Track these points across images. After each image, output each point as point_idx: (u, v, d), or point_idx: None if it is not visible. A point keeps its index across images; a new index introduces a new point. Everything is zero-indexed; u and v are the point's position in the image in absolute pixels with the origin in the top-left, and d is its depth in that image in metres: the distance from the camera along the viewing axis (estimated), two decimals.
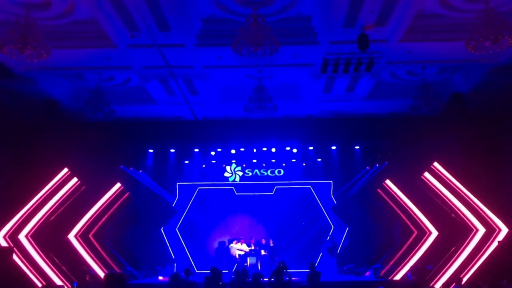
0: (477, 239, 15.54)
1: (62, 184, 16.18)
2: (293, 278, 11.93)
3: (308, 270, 12.42)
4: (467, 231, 15.66)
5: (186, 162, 18.11)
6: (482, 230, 15.55)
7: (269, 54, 9.16)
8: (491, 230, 15.41)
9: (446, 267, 15.27)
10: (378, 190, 16.67)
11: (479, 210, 15.59)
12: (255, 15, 9.19)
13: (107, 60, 12.88)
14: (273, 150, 17.66)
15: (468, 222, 15.69)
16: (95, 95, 13.25)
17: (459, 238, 15.67)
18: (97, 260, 16.00)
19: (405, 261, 15.75)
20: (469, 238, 15.65)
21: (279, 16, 10.99)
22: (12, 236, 15.38)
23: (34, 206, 15.78)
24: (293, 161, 18.14)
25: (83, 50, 12.28)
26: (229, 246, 16.88)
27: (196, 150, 17.72)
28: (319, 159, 17.95)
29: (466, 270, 14.64)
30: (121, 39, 11.69)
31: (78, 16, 10.89)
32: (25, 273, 15.08)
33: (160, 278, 15.65)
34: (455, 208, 15.86)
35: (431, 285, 13.74)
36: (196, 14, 10.90)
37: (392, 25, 11.15)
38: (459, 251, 15.58)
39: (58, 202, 16.04)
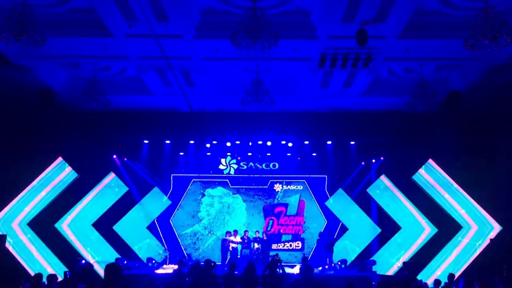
0: (469, 236, 15.69)
1: (56, 173, 16.18)
2: (286, 272, 11.96)
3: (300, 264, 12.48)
4: (459, 228, 15.81)
5: (181, 153, 18.09)
6: (474, 227, 15.70)
7: (267, 48, 9.11)
8: (483, 228, 15.55)
9: (438, 263, 15.43)
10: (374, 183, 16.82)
11: (472, 207, 15.74)
12: (254, 8, 9.14)
13: (104, 50, 12.80)
14: (269, 143, 17.68)
15: (461, 219, 15.84)
16: (91, 85, 13.16)
17: (452, 235, 15.82)
18: (90, 250, 16.02)
19: (398, 257, 15.87)
20: (461, 235, 15.80)
21: (279, 9, 10.95)
22: (6, 223, 15.37)
23: (29, 194, 15.78)
24: (288, 155, 18.16)
25: (80, 39, 12.18)
26: (223, 238, 16.89)
27: (192, 142, 17.71)
28: (314, 154, 17.98)
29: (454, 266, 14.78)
30: (118, 28, 11.61)
31: (76, 4, 10.81)
32: (18, 260, 15.11)
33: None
34: (448, 205, 16.01)
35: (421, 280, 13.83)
36: (195, 5, 10.83)
37: (391, 21, 11.14)
38: (451, 248, 15.74)
39: (52, 191, 16.05)
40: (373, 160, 17.37)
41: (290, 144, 17.70)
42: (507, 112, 14.62)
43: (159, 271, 15.11)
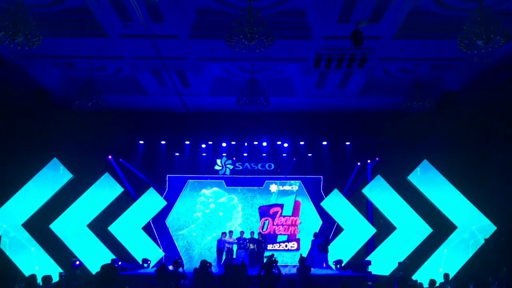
0: (464, 236, 15.75)
1: (51, 173, 16.10)
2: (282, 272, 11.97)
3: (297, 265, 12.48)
4: (455, 228, 15.86)
5: (177, 154, 18.05)
6: (469, 227, 15.75)
7: (263, 48, 9.11)
8: (478, 228, 15.61)
9: (433, 263, 15.47)
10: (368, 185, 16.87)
11: (466, 207, 15.79)
12: (250, 8, 9.14)
13: (99, 50, 12.78)
14: (264, 144, 17.71)
15: (456, 219, 15.89)
16: (86, 85, 13.12)
17: (447, 235, 15.87)
18: (85, 251, 15.96)
19: (393, 257, 15.89)
20: (456, 235, 15.85)
21: (274, 10, 10.97)
22: (0, 224, 15.29)
23: (23, 195, 15.70)
24: (284, 156, 18.17)
25: (75, 39, 12.16)
26: (218, 239, 16.86)
27: (187, 142, 17.70)
28: (309, 154, 17.99)
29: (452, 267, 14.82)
30: (113, 28, 11.59)
31: (71, 4, 10.79)
32: (12, 261, 15.03)
33: None
34: (444, 205, 16.05)
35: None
36: (191, 5, 10.84)
37: (386, 21, 11.17)
38: (446, 247, 15.79)
39: (47, 191, 15.98)
40: (369, 160, 17.40)
41: (285, 145, 17.74)
42: (502, 112, 14.69)
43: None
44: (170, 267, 11.68)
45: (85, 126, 15.15)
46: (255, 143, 17.73)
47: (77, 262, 14.77)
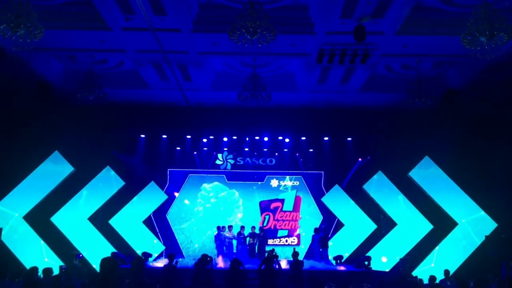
0: (464, 232, 15.77)
1: (53, 166, 16.14)
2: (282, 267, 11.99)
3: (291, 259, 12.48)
4: (455, 224, 15.89)
5: (178, 148, 18.05)
6: (469, 224, 15.78)
7: (265, 42, 9.08)
8: (478, 224, 15.63)
9: (433, 260, 15.50)
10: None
11: (467, 204, 15.80)
12: (253, 3, 9.10)
13: (101, 43, 12.74)
14: (266, 139, 17.71)
15: (457, 216, 15.91)
16: (87, 78, 13.09)
17: (448, 231, 15.90)
18: (85, 244, 16.01)
19: (393, 253, 15.93)
20: (456, 232, 15.87)
21: (277, 4, 10.94)
22: (2, 217, 15.35)
23: (24, 187, 15.74)
24: (285, 151, 18.17)
25: (77, 32, 12.13)
26: (218, 233, 16.88)
27: (188, 136, 17.70)
28: (311, 150, 17.99)
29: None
30: (115, 22, 11.55)
31: None
32: (13, 254, 15.10)
33: None
34: (444, 202, 16.06)
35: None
36: None
37: (389, 17, 11.12)
38: (447, 244, 15.82)
39: (48, 184, 16.02)
40: (370, 157, 17.38)
41: (287, 140, 17.74)
42: (504, 110, 14.65)
43: (156, 264, 15.12)
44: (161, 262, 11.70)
45: (87, 120, 15.17)
46: (257, 138, 17.73)
47: (80, 255, 14.82)
